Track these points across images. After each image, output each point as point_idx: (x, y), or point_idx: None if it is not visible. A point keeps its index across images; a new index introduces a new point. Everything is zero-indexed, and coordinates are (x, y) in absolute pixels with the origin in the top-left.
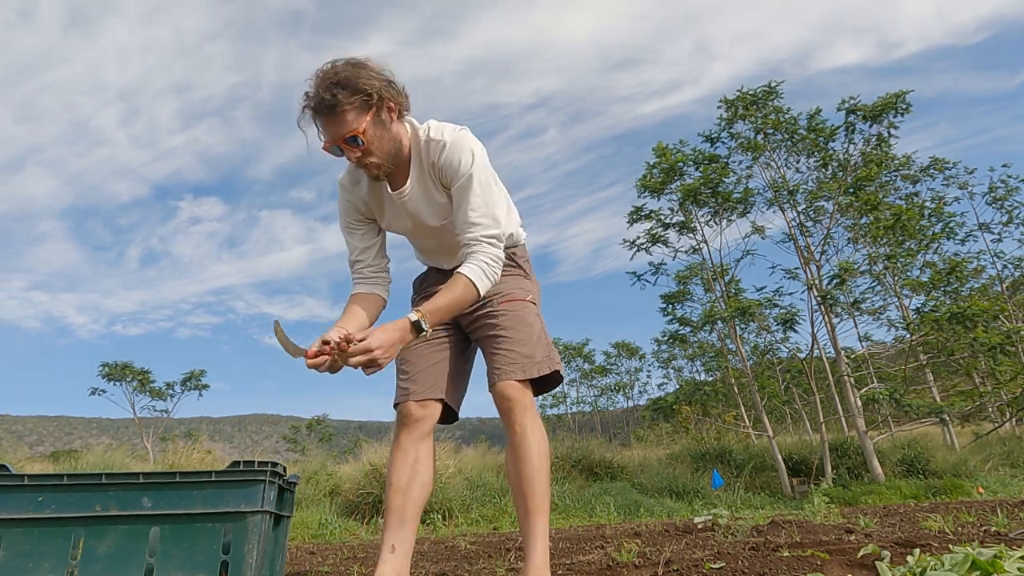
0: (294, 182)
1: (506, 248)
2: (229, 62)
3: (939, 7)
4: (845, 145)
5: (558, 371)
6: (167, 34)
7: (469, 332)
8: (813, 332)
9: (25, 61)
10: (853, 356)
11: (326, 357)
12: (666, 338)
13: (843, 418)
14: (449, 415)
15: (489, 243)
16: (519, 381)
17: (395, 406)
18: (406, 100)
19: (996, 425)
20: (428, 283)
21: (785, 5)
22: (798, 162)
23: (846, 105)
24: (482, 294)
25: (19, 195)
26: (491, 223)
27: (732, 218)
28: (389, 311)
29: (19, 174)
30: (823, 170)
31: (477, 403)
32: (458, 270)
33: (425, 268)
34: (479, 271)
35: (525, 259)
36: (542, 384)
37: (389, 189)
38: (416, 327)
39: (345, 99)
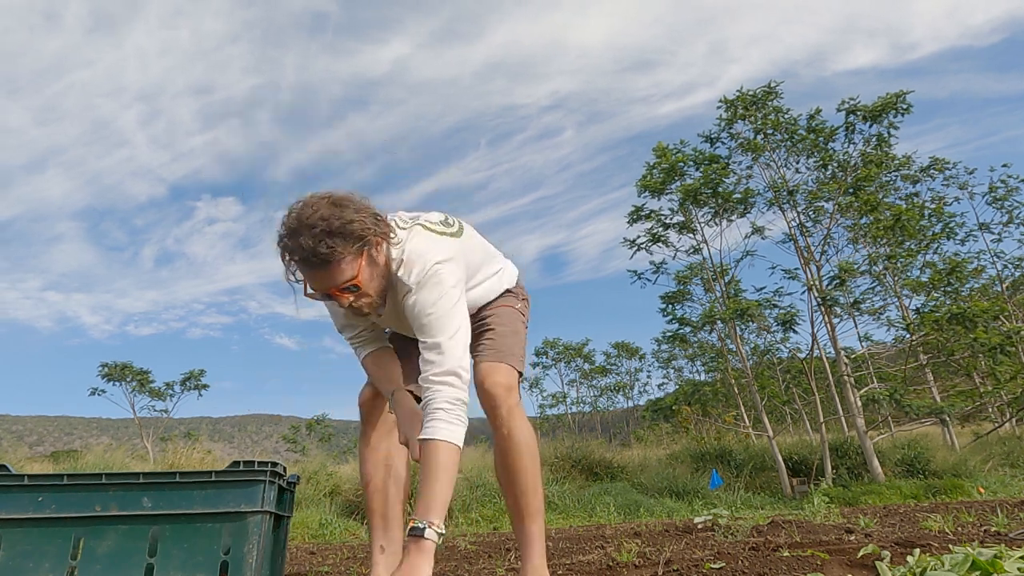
0: (311, 183)
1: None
2: (249, 64)
3: (953, 9)
4: (845, 145)
5: (521, 373)
6: (188, 37)
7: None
8: (813, 332)
9: (48, 63)
10: (853, 356)
11: None
12: (666, 338)
13: (843, 418)
14: None
15: (446, 384)
16: (505, 380)
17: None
18: (391, 226)
19: (996, 425)
20: None
21: (799, 7)
22: (798, 162)
23: (846, 105)
24: (460, 444)
25: (37, 196)
26: (445, 360)
27: (732, 218)
28: None
29: (39, 175)
30: (823, 170)
31: (477, 404)
32: (425, 435)
33: None
34: (445, 425)
35: (519, 291)
36: None
37: None
38: (435, 536)
39: (342, 249)
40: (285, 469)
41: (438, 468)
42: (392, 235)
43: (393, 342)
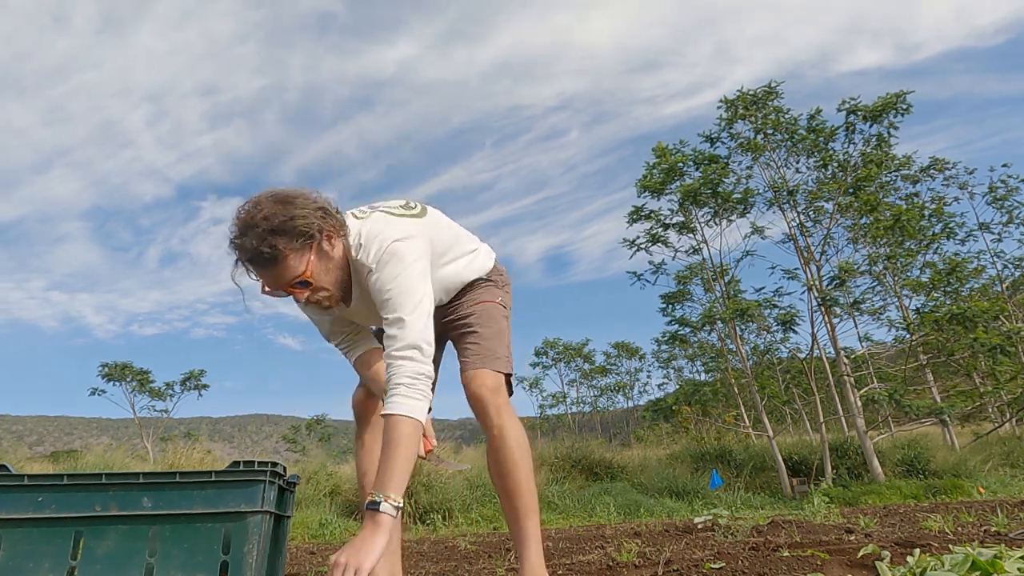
0: (316, 183)
1: (475, 280)
2: (256, 65)
3: (959, 10)
4: (845, 145)
5: (511, 375)
6: (196, 38)
7: (448, 337)
8: (813, 332)
9: (56, 64)
10: (853, 356)
11: None
12: (666, 338)
13: (843, 418)
14: None
15: (407, 359)
16: (491, 382)
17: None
18: (342, 220)
19: (996, 425)
20: None
21: (805, 8)
22: (798, 162)
23: (846, 105)
24: (421, 418)
25: (44, 196)
26: (407, 334)
27: (732, 218)
28: None
29: (45, 176)
30: (823, 170)
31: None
32: (386, 409)
33: None
34: (406, 400)
35: (499, 275)
36: None
37: None
38: (390, 509)
39: (285, 247)
40: (285, 469)
41: (398, 442)
42: (345, 227)
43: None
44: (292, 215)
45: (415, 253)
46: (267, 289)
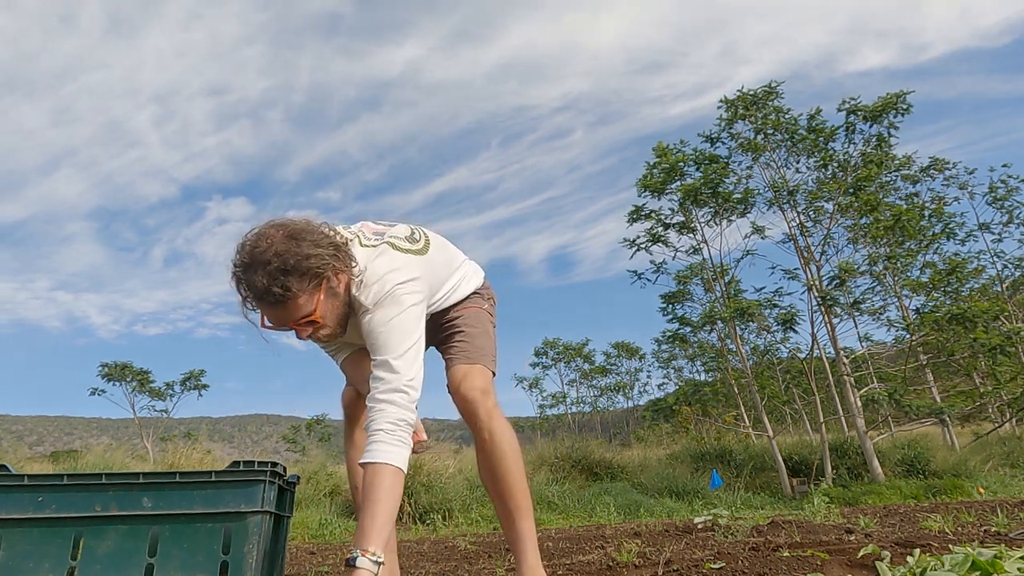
0: (321, 183)
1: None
2: (263, 65)
3: (964, 10)
4: (845, 145)
5: (494, 373)
6: (203, 39)
7: (437, 345)
8: (813, 332)
9: (63, 65)
10: (853, 356)
11: None
12: (666, 338)
13: (843, 418)
14: None
15: (389, 403)
16: (480, 383)
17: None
18: (351, 254)
19: (996, 425)
20: None
21: (811, 8)
22: (798, 162)
23: (846, 105)
24: (402, 465)
25: (50, 197)
26: (393, 377)
27: (732, 218)
28: None
29: (52, 176)
30: (823, 170)
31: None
32: (366, 458)
33: None
34: (386, 447)
35: (485, 289)
36: None
37: None
38: (368, 564)
39: (298, 287)
40: (285, 469)
41: (378, 493)
42: (353, 263)
43: None
44: (306, 254)
45: (413, 297)
46: (268, 324)
